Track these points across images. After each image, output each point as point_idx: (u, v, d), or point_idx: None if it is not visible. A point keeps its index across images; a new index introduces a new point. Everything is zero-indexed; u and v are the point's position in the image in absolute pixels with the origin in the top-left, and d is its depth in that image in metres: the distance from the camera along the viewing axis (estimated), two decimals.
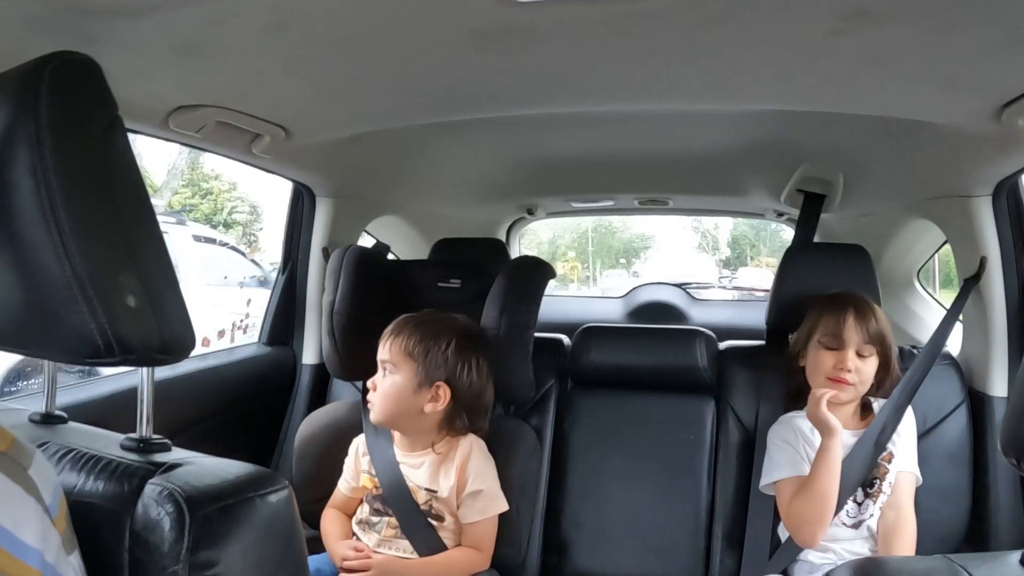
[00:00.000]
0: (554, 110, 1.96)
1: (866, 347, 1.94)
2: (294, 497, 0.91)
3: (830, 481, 1.84)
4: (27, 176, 0.73)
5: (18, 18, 1.22)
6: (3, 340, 0.86)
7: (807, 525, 1.86)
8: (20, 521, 0.66)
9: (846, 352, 1.93)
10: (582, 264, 17.06)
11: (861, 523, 1.92)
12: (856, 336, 1.94)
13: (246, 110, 1.82)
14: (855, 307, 1.97)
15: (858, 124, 1.93)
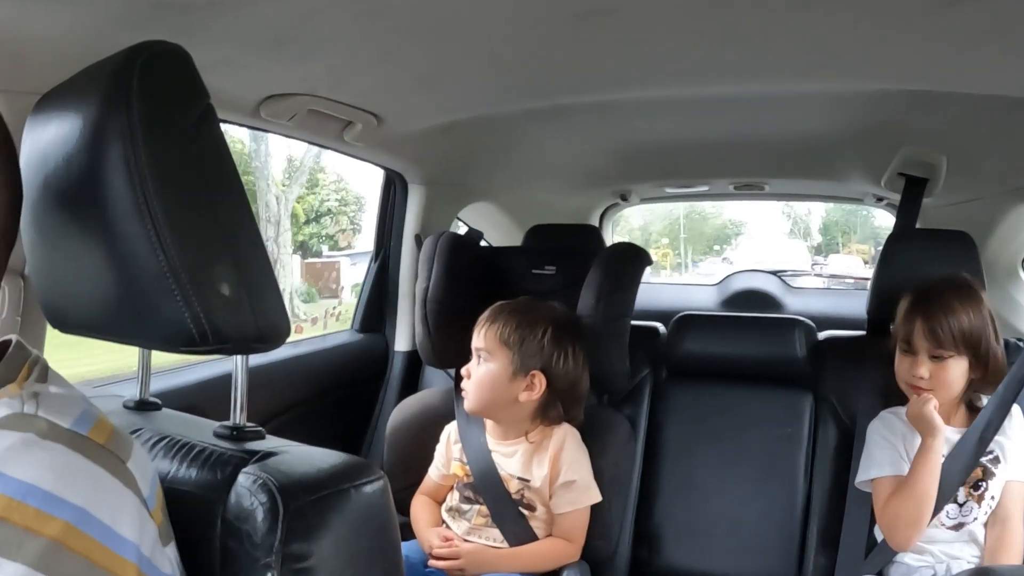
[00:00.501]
0: (650, 93, 1.93)
1: (943, 351, 1.81)
2: (389, 488, 0.89)
3: (929, 483, 1.76)
4: (120, 168, 0.74)
5: (110, 15, 1.23)
6: (101, 329, 0.88)
7: (902, 527, 1.78)
8: (118, 514, 0.66)
9: (918, 358, 1.82)
10: (674, 251, 16.91)
11: (962, 526, 1.82)
12: (925, 342, 1.81)
13: (338, 98, 1.83)
14: (926, 307, 1.83)
15: (965, 103, 1.84)
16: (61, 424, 0.67)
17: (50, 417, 0.67)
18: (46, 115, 0.83)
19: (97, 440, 0.69)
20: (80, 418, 0.70)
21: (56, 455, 0.65)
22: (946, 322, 1.79)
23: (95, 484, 0.66)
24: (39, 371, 0.77)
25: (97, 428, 0.70)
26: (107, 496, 0.66)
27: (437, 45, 1.56)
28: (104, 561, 0.63)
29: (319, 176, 13.23)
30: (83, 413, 0.71)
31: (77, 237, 0.81)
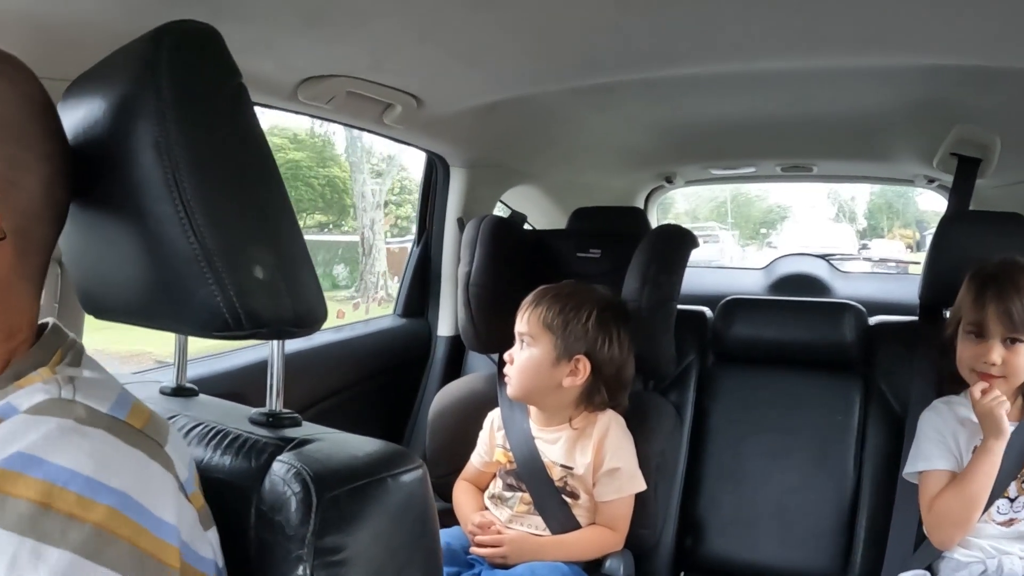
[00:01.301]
0: (696, 70, 1.88)
1: (1019, 334, 1.71)
2: (428, 477, 0.87)
3: (984, 485, 1.69)
4: (150, 149, 0.72)
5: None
6: (135, 315, 0.87)
7: (947, 526, 1.72)
8: (158, 498, 0.66)
9: (990, 343, 1.73)
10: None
11: (1013, 522, 1.74)
12: (999, 326, 1.72)
13: (377, 79, 1.81)
14: (998, 289, 1.73)
15: (1020, 81, 1.79)
16: (99, 409, 0.67)
17: (88, 402, 0.67)
18: (76, 99, 0.82)
19: (134, 424, 0.68)
20: (117, 402, 0.69)
21: (95, 440, 0.64)
22: (1020, 304, 1.71)
23: (135, 468, 0.65)
24: (73, 355, 0.77)
25: (134, 412, 0.70)
26: (147, 480, 0.66)
27: (477, 23, 1.53)
28: (148, 546, 0.63)
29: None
30: (119, 398, 0.70)
31: (110, 221, 0.80)
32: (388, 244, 6.86)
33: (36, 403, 0.65)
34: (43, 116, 0.74)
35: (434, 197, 2.72)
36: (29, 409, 0.64)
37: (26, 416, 0.63)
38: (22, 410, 0.65)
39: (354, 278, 6.73)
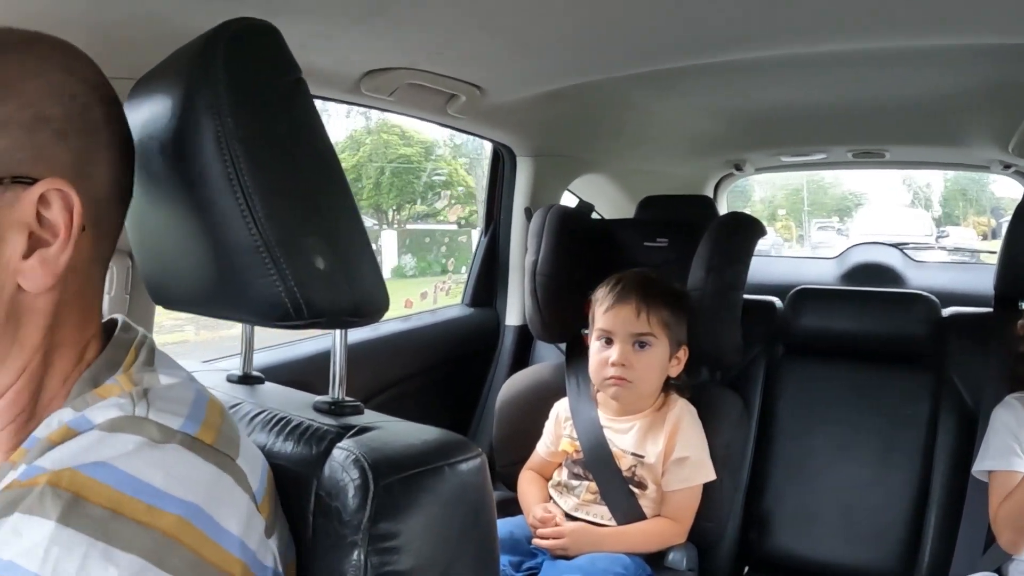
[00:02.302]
0: (764, 53, 1.85)
1: None
2: (487, 466, 0.88)
3: None
4: (211, 143, 0.74)
5: None
6: (201, 304, 0.89)
7: (1010, 531, 1.66)
8: (226, 511, 0.67)
9: None
10: (796, 223, 16.55)
11: None
12: None
13: (439, 70, 1.82)
14: None
15: None
16: (171, 426, 0.68)
17: (160, 419, 0.68)
18: (140, 98, 0.85)
19: (205, 440, 0.69)
20: (189, 418, 0.70)
21: (167, 454, 0.66)
22: None
23: (205, 482, 0.67)
24: (146, 353, 0.78)
25: (205, 427, 0.71)
26: (217, 493, 0.67)
27: (538, 10, 1.53)
28: (213, 557, 0.64)
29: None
30: (191, 412, 0.71)
31: (175, 215, 0.82)
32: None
33: (111, 419, 0.67)
34: (106, 104, 0.76)
35: (501, 187, 2.73)
36: (103, 424, 0.66)
37: (100, 432, 0.65)
38: (96, 423, 0.66)
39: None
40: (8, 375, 0.71)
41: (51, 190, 0.69)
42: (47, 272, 0.69)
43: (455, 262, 5.73)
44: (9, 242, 0.68)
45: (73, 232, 0.70)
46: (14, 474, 0.64)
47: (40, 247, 0.69)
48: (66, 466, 0.62)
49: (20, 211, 0.68)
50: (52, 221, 0.69)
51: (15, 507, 0.60)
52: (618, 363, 1.86)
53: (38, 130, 0.69)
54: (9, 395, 0.71)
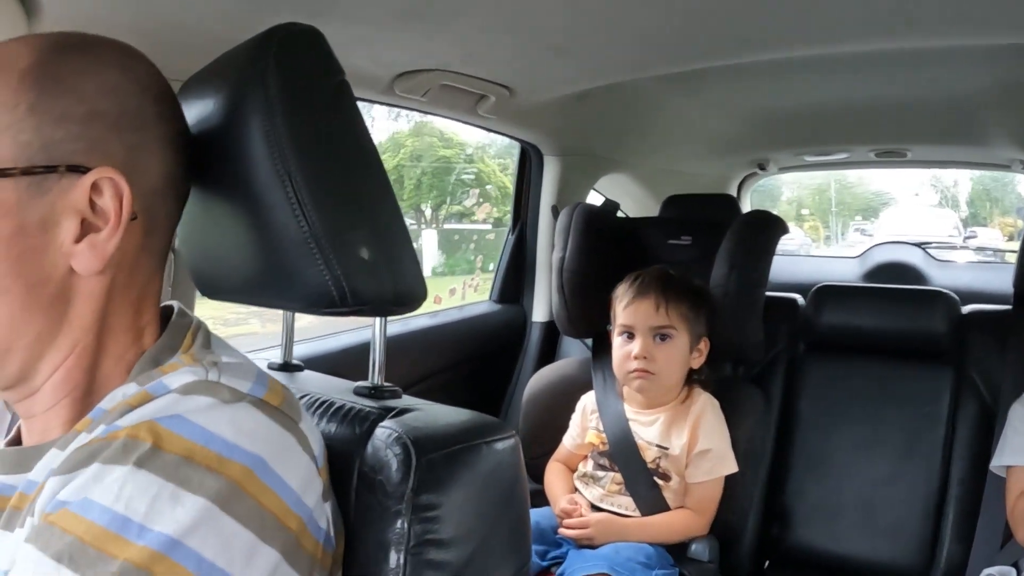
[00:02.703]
0: (788, 54, 1.89)
1: None
2: (520, 447, 0.92)
3: None
4: (262, 141, 0.78)
5: (253, 1, 1.31)
6: (248, 294, 0.93)
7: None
8: (289, 467, 0.72)
9: None
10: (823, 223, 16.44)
11: None
12: None
13: (470, 72, 1.87)
14: None
15: None
16: (241, 389, 0.73)
17: (231, 384, 0.73)
18: (189, 98, 0.88)
19: (272, 402, 0.74)
20: (256, 383, 0.75)
21: (237, 411, 0.71)
22: None
23: (271, 438, 0.71)
24: (203, 336, 0.83)
25: (271, 392, 0.76)
26: (281, 451, 0.72)
27: (568, 13, 1.57)
28: (274, 507, 0.69)
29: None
30: (257, 378, 0.76)
31: (224, 208, 0.85)
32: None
33: (185, 383, 0.72)
34: (160, 101, 0.80)
35: (528, 186, 2.76)
36: (178, 388, 0.71)
37: (176, 394, 0.70)
38: (172, 387, 0.72)
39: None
40: (60, 351, 0.76)
41: (103, 179, 0.73)
42: (96, 256, 0.74)
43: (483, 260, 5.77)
44: (62, 226, 0.73)
45: (123, 219, 0.74)
46: (87, 436, 0.70)
47: (91, 232, 0.74)
48: (144, 420, 0.67)
49: (73, 198, 0.73)
50: (103, 208, 0.74)
51: (94, 458, 0.65)
52: (640, 356, 1.90)
53: (93, 123, 0.74)
54: (62, 371, 0.77)
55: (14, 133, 0.72)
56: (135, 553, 0.61)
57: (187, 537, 0.63)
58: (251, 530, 0.66)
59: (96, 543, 0.61)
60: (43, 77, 0.73)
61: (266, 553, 0.67)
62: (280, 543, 0.69)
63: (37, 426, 0.79)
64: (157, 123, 0.79)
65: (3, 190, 0.72)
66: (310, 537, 0.73)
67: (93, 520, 0.62)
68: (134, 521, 0.62)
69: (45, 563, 0.62)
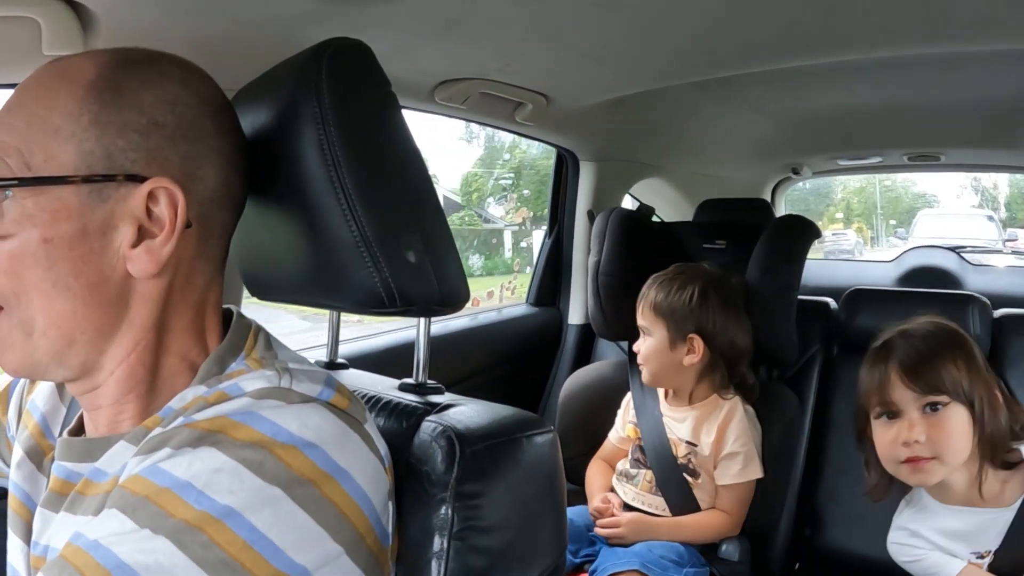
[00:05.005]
0: (820, 60, 1.90)
1: None
2: (559, 442, 0.97)
3: None
4: (315, 150, 0.82)
5: (299, 13, 1.36)
6: (298, 294, 0.98)
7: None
8: (354, 462, 0.75)
9: None
10: (868, 225, 16.34)
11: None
12: None
13: (507, 80, 1.91)
14: None
15: None
16: (311, 394, 0.78)
17: (302, 390, 0.78)
18: (243, 108, 0.92)
19: (340, 405, 0.79)
20: (325, 388, 0.80)
21: (304, 409, 0.75)
22: None
23: (336, 435, 0.75)
24: (263, 338, 0.88)
25: (339, 395, 0.80)
26: (346, 448, 0.76)
27: (603, 22, 1.59)
28: (340, 501, 0.73)
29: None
30: (326, 383, 0.81)
31: (278, 213, 0.89)
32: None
33: (259, 388, 0.77)
34: (218, 114, 0.84)
35: (565, 190, 2.80)
36: (253, 392, 0.76)
37: (250, 398, 0.75)
38: (246, 391, 0.76)
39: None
40: (122, 347, 0.81)
41: (159, 188, 0.78)
42: (151, 260, 0.78)
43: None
44: (121, 231, 0.78)
45: (177, 227, 0.79)
46: (161, 430, 0.75)
47: (147, 238, 0.79)
48: (217, 415, 0.72)
49: (131, 205, 0.78)
50: (159, 216, 0.78)
51: (168, 443, 0.71)
52: (637, 350, 2.01)
53: (151, 135, 0.78)
54: (124, 366, 0.82)
55: (78, 142, 0.76)
56: (192, 515, 0.66)
57: (245, 510, 0.67)
58: (312, 516, 0.70)
59: (158, 501, 0.67)
60: (106, 90, 0.78)
61: (324, 542, 0.71)
62: (341, 535, 0.73)
63: (103, 418, 0.84)
64: (214, 135, 0.83)
65: (67, 195, 0.76)
66: (373, 534, 0.77)
67: (159, 483, 0.68)
68: (195, 487, 0.67)
69: (112, 514, 0.67)
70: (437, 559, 0.84)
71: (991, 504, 1.51)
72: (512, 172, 7.70)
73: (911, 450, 1.49)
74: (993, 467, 1.51)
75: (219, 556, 0.65)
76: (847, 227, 15.89)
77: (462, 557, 0.84)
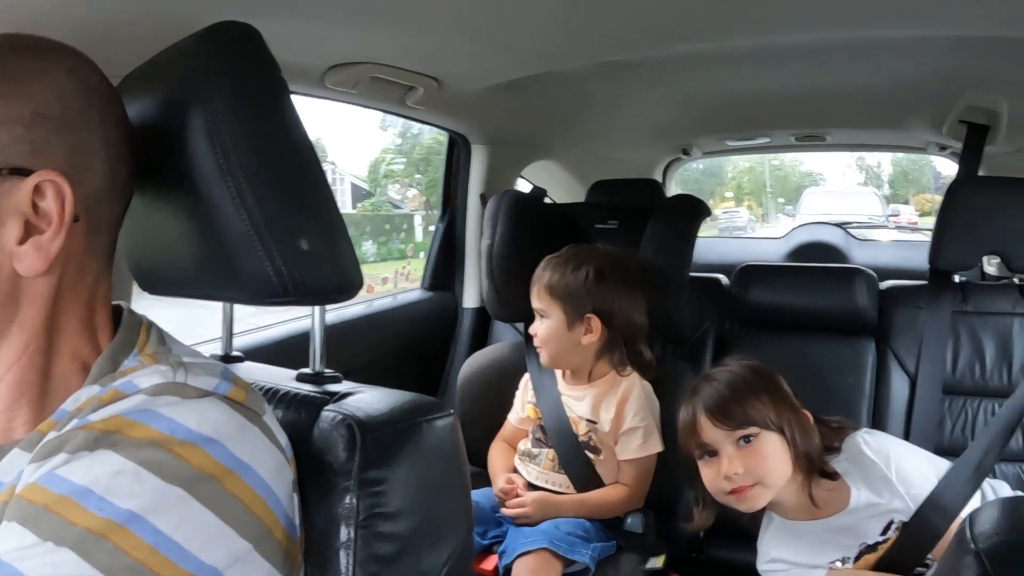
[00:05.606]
0: (711, 44, 1.94)
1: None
2: (459, 425, 0.97)
3: None
4: (203, 138, 0.80)
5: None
6: (190, 287, 0.95)
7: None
8: (256, 458, 0.74)
9: None
10: (758, 203, 16.79)
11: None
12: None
13: (400, 64, 1.89)
14: None
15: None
16: (207, 388, 0.76)
17: (198, 384, 0.76)
18: (129, 96, 0.89)
19: (237, 398, 0.77)
20: (221, 381, 0.78)
21: (201, 404, 0.73)
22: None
23: (235, 428, 0.74)
24: (155, 334, 0.86)
25: (236, 388, 0.79)
26: (248, 441, 0.74)
27: (496, 5, 1.59)
28: (244, 496, 0.72)
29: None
30: (222, 376, 0.79)
31: (167, 204, 0.87)
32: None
33: (155, 384, 0.74)
34: (105, 104, 0.82)
35: (457, 174, 2.79)
36: (148, 388, 0.74)
37: (145, 395, 0.73)
38: (141, 387, 0.74)
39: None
40: (12, 352, 0.78)
41: (45, 181, 0.75)
42: (40, 257, 0.75)
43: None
44: (6, 227, 0.75)
45: (65, 221, 0.76)
46: (55, 434, 0.72)
47: (35, 234, 0.75)
48: (113, 415, 0.70)
49: (16, 200, 0.74)
50: (46, 210, 0.75)
51: (64, 447, 0.68)
52: (534, 333, 2.01)
53: (37, 126, 0.75)
54: (15, 371, 0.78)
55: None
56: (94, 522, 0.64)
57: (148, 513, 0.65)
58: (217, 514, 0.69)
59: (58, 510, 0.64)
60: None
61: (232, 539, 0.70)
62: (248, 531, 0.71)
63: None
64: (101, 126, 0.80)
65: None
66: (280, 527, 0.76)
67: (57, 491, 0.65)
68: (95, 493, 0.65)
69: (12, 528, 0.65)
70: (345, 549, 0.84)
71: (828, 512, 1.62)
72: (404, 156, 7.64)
73: (733, 482, 1.58)
74: (816, 478, 1.62)
75: (126, 563, 0.64)
76: (738, 205, 16.36)
77: (370, 545, 0.84)
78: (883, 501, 1.58)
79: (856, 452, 1.63)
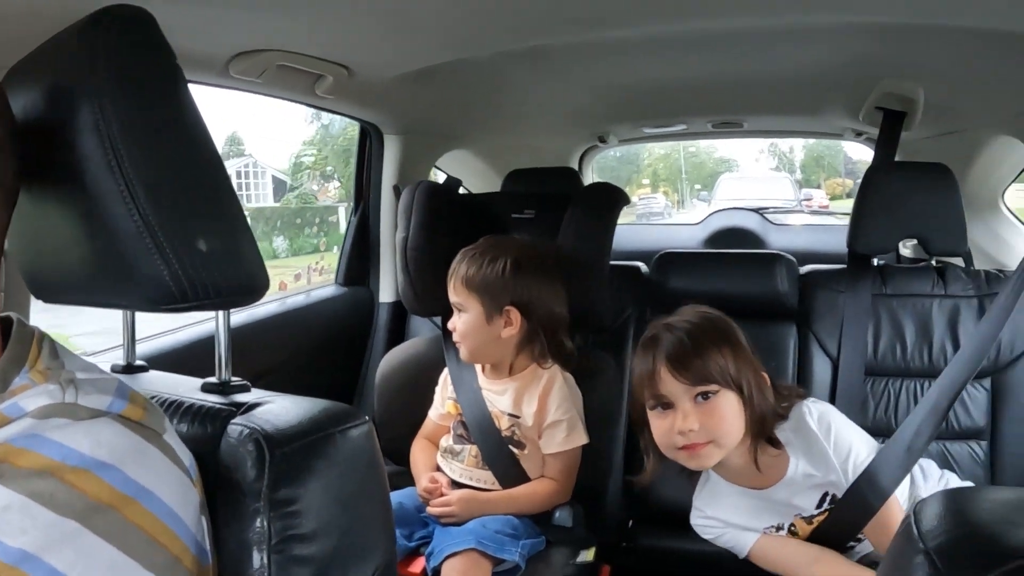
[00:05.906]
0: (630, 32, 1.92)
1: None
2: (375, 432, 0.92)
3: None
4: (91, 131, 0.74)
5: None
6: (84, 294, 0.89)
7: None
8: (158, 480, 0.69)
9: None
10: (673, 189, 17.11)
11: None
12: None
13: (307, 51, 1.82)
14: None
15: (949, 36, 1.83)
16: (100, 407, 0.70)
17: (89, 403, 0.70)
18: (14, 89, 0.84)
19: (133, 417, 0.72)
20: (115, 398, 0.72)
21: (96, 427, 0.68)
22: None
23: (134, 453, 0.69)
24: (48, 346, 0.79)
25: (132, 405, 0.73)
26: (146, 464, 0.69)
27: None
28: (144, 524, 0.66)
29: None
30: (116, 392, 0.73)
31: (55, 204, 0.81)
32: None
33: (42, 406, 0.68)
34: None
35: (369, 166, 2.74)
36: (34, 412, 0.68)
37: (32, 420, 0.67)
38: (28, 411, 0.68)
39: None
40: None
41: None
42: None
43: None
44: None
45: None
46: None
47: None
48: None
49: None
50: None
51: None
52: (452, 327, 1.97)
53: None
54: None
55: None
56: None
57: (42, 552, 0.60)
58: (115, 545, 0.64)
59: None
60: None
61: (136, 572, 0.65)
62: (154, 561, 0.66)
63: None
64: None
65: None
66: (189, 554, 0.71)
67: None
68: None
69: None
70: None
71: (768, 481, 1.63)
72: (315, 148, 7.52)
73: (686, 438, 1.55)
74: (763, 444, 1.62)
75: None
76: (654, 192, 16.67)
77: (286, 571, 0.79)
78: (819, 474, 1.59)
79: (800, 421, 1.62)
